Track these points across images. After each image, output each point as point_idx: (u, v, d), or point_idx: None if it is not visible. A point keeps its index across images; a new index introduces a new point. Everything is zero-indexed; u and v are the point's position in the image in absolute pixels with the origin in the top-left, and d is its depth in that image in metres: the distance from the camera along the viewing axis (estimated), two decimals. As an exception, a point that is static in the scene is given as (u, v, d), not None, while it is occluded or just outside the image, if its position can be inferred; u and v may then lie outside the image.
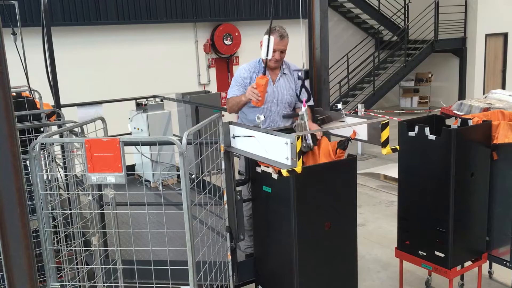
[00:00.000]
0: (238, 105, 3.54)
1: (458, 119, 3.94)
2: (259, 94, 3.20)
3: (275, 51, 3.45)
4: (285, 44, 3.54)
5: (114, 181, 2.29)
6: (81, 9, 8.88)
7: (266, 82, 3.21)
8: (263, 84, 3.19)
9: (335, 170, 2.97)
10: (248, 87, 3.32)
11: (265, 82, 3.19)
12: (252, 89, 3.24)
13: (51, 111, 3.96)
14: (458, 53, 14.36)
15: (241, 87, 3.59)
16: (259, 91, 3.20)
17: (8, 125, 2.10)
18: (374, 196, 7.18)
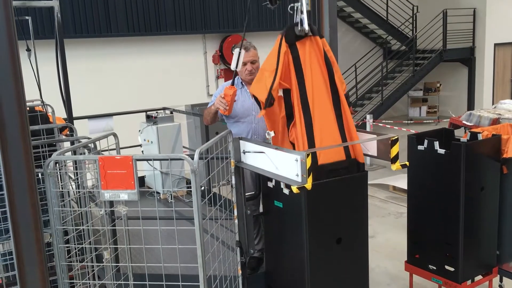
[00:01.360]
0: (210, 115, 3.67)
1: (468, 133, 3.94)
2: (226, 103, 3.34)
3: (245, 64, 3.61)
4: (252, 55, 3.63)
5: (127, 198, 2.33)
6: (92, 21, 9.00)
7: (233, 93, 3.34)
8: (230, 94, 3.32)
9: (347, 186, 2.99)
10: (217, 97, 3.44)
11: (232, 92, 3.32)
12: (220, 98, 3.38)
13: (63, 125, 4.01)
14: (467, 63, 14.33)
15: None
16: (227, 101, 3.34)
17: (24, 142, 2.15)
18: (383, 208, 7.17)
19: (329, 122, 3.03)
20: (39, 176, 3.25)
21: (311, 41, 3.03)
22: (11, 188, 2.12)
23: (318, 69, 3.04)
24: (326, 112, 3.03)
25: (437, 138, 3.77)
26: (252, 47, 3.67)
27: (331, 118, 3.03)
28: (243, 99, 3.69)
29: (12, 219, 2.15)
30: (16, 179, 2.12)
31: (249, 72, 3.65)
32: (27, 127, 2.11)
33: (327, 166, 2.94)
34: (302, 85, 3.00)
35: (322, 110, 3.02)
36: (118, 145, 3.09)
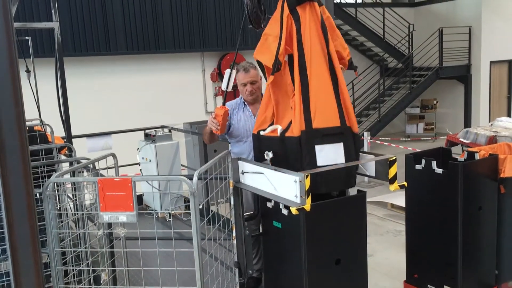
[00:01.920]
0: (207, 135, 3.71)
1: (465, 152, 3.97)
2: (218, 123, 3.36)
3: (245, 85, 3.65)
4: (252, 75, 3.67)
5: (125, 220, 2.33)
6: (91, 40, 9.07)
7: (225, 112, 3.36)
8: (221, 114, 3.34)
9: (345, 206, 3.00)
10: (209, 117, 3.47)
11: (223, 112, 3.35)
12: (212, 118, 3.41)
13: (62, 145, 4.02)
14: (463, 80, 14.44)
15: None
16: (218, 120, 3.36)
17: (23, 164, 2.15)
18: (381, 225, 7.15)
19: (325, 88, 2.95)
20: (37, 196, 3.25)
21: (311, 6, 2.98)
22: (10, 210, 2.12)
23: (316, 35, 2.98)
24: (323, 78, 2.96)
25: (434, 157, 3.79)
26: (252, 68, 3.70)
27: (327, 84, 2.96)
28: (245, 119, 3.71)
29: (11, 241, 2.14)
30: (15, 201, 2.12)
31: (250, 92, 3.67)
32: (26, 149, 2.11)
33: (322, 131, 2.85)
34: (301, 49, 2.94)
35: (319, 76, 2.95)
36: (117, 165, 3.09)
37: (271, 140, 2.96)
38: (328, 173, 2.81)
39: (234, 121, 3.76)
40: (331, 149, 2.88)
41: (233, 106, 3.81)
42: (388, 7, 14.76)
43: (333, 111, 2.93)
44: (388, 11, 14.61)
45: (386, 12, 14.54)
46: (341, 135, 2.91)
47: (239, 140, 3.72)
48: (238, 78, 3.72)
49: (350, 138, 2.95)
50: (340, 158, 2.90)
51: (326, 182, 2.82)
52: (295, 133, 2.83)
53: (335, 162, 2.87)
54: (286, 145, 2.87)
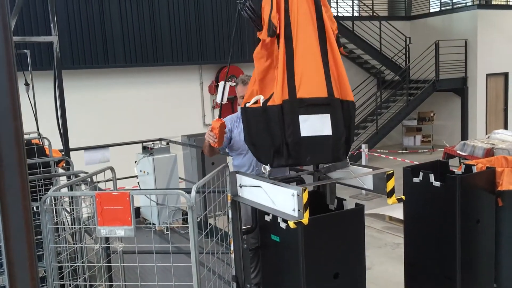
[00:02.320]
0: (206, 148, 3.69)
1: (462, 165, 3.98)
2: (215, 136, 3.33)
3: (243, 97, 3.59)
4: None
5: (123, 234, 2.32)
6: (90, 52, 9.10)
7: (221, 125, 3.32)
8: (217, 127, 3.32)
9: (343, 220, 2.99)
10: (207, 130, 3.46)
11: (219, 125, 3.31)
12: (209, 132, 3.39)
13: (60, 158, 4.02)
14: (460, 92, 14.53)
15: None
16: (215, 133, 3.33)
17: (21, 178, 2.15)
18: (379, 238, 7.14)
19: (313, 57, 2.82)
20: (34, 210, 3.24)
21: None
22: (7, 225, 2.11)
23: (305, 3, 2.87)
24: (311, 47, 2.83)
25: (432, 170, 3.80)
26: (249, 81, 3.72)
27: (315, 53, 2.82)
28: None
29: (7, 256, 2.13)
30: (13, 215, 2.10)
31: None
32: (24, 163, 2.11)
33: (307, 101, 2.73)
34: (288, 18, 2.84)
35: (306, 45, 2.82)
36: (115, 179, 3.09)
37: (254, 111, 2.87)
38: (312, 144, 2.73)
39: (235, 134, 3.77)
40: (317, 120, 2.77)
41: (234, 119, 3.82)
42: (384, 21, 14.88)
43: (320, 81, 2.79)
44: (385, 24, 14.73)
45: (383, 25, 14.66)
46: (328, 106, 2.77)
47: (239, 153, 3.73)
48: (237, 91, 3.73)
49: (338, 109, 2.80)
50: (327, 130, 2.77)
51: (312, 153, 2.75)
52: (276, 102, 2.72)
53: (321, 133, 2.76)
54: (268, 114, 2.76)
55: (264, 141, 2.83)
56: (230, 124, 3.81)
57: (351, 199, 8.67)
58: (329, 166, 3.38)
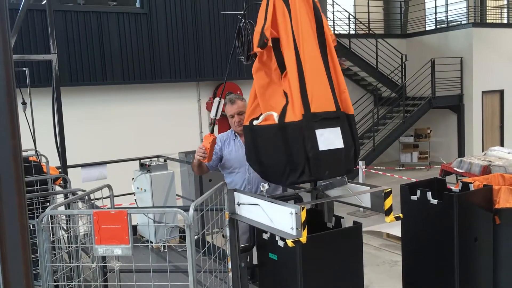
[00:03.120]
0: (195, 167, 3.70)
1: (459, 183, 3.99)
2: (205, 151, 3.35)
3: (233, 116, 3.71)
4: (238, 106, 3.71)
5: (120, 253, 2.31)
6: (88, 69, 9.14)
7: (212, 140, 3.35)
8: (209, 142, 3.34)
9: (341, 238, 2.98)
10: (198, 147, 3.46)
11: (211, 140, 3.34)
12: (199, 148, 3.40)
13: (57, 176, 4.01)
14: (456, 109, 14.61)
15: None
16: (206, 149, 3.35)
17: (18, 197, 2.14)
18: (377, 256, 7.11)
19: (319, 72, 2.83)
20: (30, 228, 3.22)
21: None
22: (3, 243, 2.10)
23: (306, 18, 2.87)
24: (316, 61, 2.84)
25: (429, 187, 3.80)
26: (239, 99, 3.76)
27: (321, 68, 2.84)
28: (236, 149, 3.74)
29: (3, 274, 2.11)
30: (9, 234, 2.09)
31: (238, 123, 3.72)
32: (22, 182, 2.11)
33: (320, 115, 2.75)
34: (292, 32, 2.84)
35: (312, 59, 2.84)
36: (112, 196, 3.08)
37: (266, 129, 2.84)
38: (329, 157, 2.72)
39: (226, 152, 3.78)
40: (330, 133, 2.79)
41: (225, 137, 3.85)
42: (380, 38, 15.03)
43: (328, 95, 2.82)
44: (381, 42, 14.88)
45: (379, 43, 14.80)
46: (338, 119, 2.81)
47: (231, 171, 3.75)
48: (226, 111, 3.75)
49: (345, 122, 2.85)
50: (339, 143, 2.80)
51: (329, 167, 2.75)
52: (297, 117, 2.69)
53: (334, 146, 2.77)
54: (287, 131, 2.73)
55: (278, 159, 2.78)
56: (220, 143, 3.82)
57: (349, 216, 8.66)
58: (327, 183, 3.39)
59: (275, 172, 2.86)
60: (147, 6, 9.65)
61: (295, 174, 2.74)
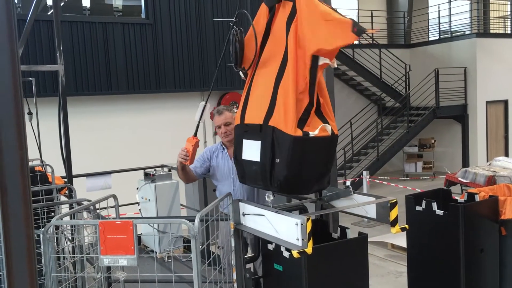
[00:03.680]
0: (179, 172, 3.69)
1: (465, 193, 3.97)
2: (187, 154, 3.37)
3: (220, 127, 3.76)
4: (226, 117, 3.74)
5: (126, 263, 2.31)
6: (93, 79, 9.19)
7: (195, 143, 3.39)
8: (192, 145, 3.38)
9: (347, 249, 2.98)
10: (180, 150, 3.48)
11: (194, 143, 3.38)
12: (181, 150, 3.43)
13: (62, 186, 4.02)
14: (460, 119, 14.59)
15: (198, 162, 3.82)
16: (188, 151, 3.38)
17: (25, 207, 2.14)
18: (382, 266, 7.06)
19: (265, 85, 2.86)
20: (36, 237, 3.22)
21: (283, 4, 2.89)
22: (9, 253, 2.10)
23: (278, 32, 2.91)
24: (269, 74, 2.86)
25: (434, 198, 3.80)
26: (225, 110, 3.80)
27: (270, 81, 2.84)
28: (222, 162, 3.77)
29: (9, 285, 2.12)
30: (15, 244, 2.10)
31: (224, 134, 3.75)
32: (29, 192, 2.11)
33: (247, 126, 2.90)
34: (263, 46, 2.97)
35: (266, 72, 2.89)
36: (117, 207, 3.08)
37: None
38: (247, 168, 2.95)
39: (214, 163, 3.82)
40: (252, 145, 2.91)
41: (213, 149, 3.88)
42: (384, 48, 15.06)
43: (262, 108, 2.84)
44: (385, 52, 14.90)
45: (383, 53, 14.83)
46: (260, 132, 2.83)
47: (218, 182, 3.80)
48: (214, 121, 3.81)
49: (268, 137, 2.78)
50: (256, 156, 2.87)
51: (248, 176, 2.98)
52: None
53: (252, 158, 2.90)
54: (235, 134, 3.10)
55: None
56: (209, 153, 3.84)
57: (353, 226, 8.63)
58: (332, 194, 3.38)
59: None
60: (152, 17, 9.71)
61: None
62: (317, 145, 2.80)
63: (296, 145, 2.70)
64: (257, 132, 2.86)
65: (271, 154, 2.78)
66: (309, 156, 2.79)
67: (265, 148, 2.82)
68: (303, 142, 2.71)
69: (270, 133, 2.78)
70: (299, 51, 2.78)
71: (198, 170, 3.80)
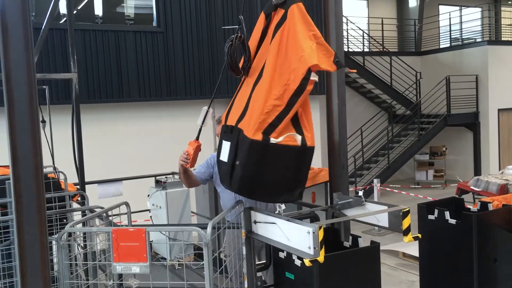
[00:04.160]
0: (181, 175, 3.70)
1: (478, 202, 3.94)
2: (188, 157, 3.38)
3: (218, 135, 3.72)
4: None
5: (138, 271, 2.32)
6: (105, 87, 9.26)
7: (196, 147, 3.39)
8: (193, 148, 3.39)
9: (359, 257, 2.96)
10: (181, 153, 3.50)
11: (195, 147, 3.38)
12: (182, 153, 3.44)
13: (75, 193, 4.05)
14: (472, 127, 14.49)
15: (202, 168, 3.88)
16: (189, 154, 3.39)
17: (39, 215, 2.17)
18: (393, 275, 7.01)
19: (246, 89, 2.96)
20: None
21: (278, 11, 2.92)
22: (23, 260, 2.12)
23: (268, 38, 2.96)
24: (251, 80, 2.96)
25: (447, 207, 3.76)
26: None
27: (249, 85, 2.94)
28: None
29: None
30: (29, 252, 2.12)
31: None
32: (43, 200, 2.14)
33: (227, 128, 2.96)
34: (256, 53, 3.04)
35: (250, 78, 2.99)
36: (129, 214, 3.10)
37: None
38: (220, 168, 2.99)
39: (217, 170, 3.82)
40: (225, 146, 2.96)
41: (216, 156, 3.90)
42: (395, 56, 15.03)
43: (238, 110, 2.92)
44: (395, 60, 14.87)
45: (393, 60, 14.80)
46: (231, 134, 2.90)
47: (221, 189, 3.78)
48: (216, 130, 3.85)
49: (235, 139, 2.83)
50: (225, 156, 2.94)
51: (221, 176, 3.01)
52: None
53: (224, 159, 2.94)
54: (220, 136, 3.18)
55: None
56: (213, 160, 3.83)
57: (364, 235, 8.57)
58: (344, 202, 3.37)
59: None
60: (163, 25, 9.79)
61: None
62: (280, 152, 2.76)
63: (253, 148, 2.73)
64: (229, 133, 2.93)
65: (234, 155, 2.85)
66: (271, 162, 2.78)
67: (231, 149, 2.89)
68: (262, 147, 2.72)
69: (237, 135, 2.85)
70: (279, 58, 2.81)
71: (202, 175, 3.83)
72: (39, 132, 2.17)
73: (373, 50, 15.71)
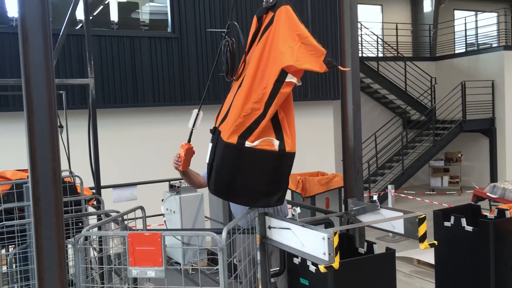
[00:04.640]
0: (182, 176, 3.69)
1: (495, 209, 3.89)
2: (179, 160, 3.40)
3: None
4: None
5: (154, 275, 2.33)
6: (120, 92, 9.34)
7: (187, 149, 3.40)
8: (184, 151, 3.41)
9: (374, 264, 2.95)
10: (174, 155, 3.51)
11: (186, 149, 3.40)
12: (175, 156, 3.46)
13: (91, 197, 4.09)
14: (488, 133, 14.32)
15: None
16: (180, 157, 3.40)
17: (57, 219, 2.19)
18: (408, 283, 6.94)
19: (229, 99, 3.00)
20: (64, 248, 3.27)
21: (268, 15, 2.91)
22: (41, 264, 2.15)
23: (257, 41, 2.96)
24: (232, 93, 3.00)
25: (463, 214, 3.73)
26: None
27: (231, 97, 2.98)
28: None
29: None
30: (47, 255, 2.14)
31: None
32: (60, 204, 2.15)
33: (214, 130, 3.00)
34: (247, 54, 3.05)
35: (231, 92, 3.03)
36: (145, 218, 3.12)
37: None
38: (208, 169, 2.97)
39: None
40: (209, 147, 3.04)
41: None
42: (409, 61, 14.94)
43: (223, 113, 2.98)
44: (410, 65, 14.78)
45: (408, 65, 14.71)
46: (213, 135, 2.99)
47: None
48: None
49: (215, 141, 2.94)
50: (207, 158, 3.01)
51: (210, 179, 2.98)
52: None
53: (207, 160, 3.01)
54: None
55: None
56: None
57: (378, 241, 8.50)
58: (359, 208, 3.35)
59: None
60: (178, 31, 9.85)
61: None
62: (255, 157, 2.77)
63: (226, 151, 2.79)
64: (212, 134, 3.03)
65: (213, 156, 2.94)
66: (245, 166, 2.80)
67: (211, 151, 2.99)
68: (236, 150, 2.76)
69: (217, 137, 2.93)
70: (261, 61, 2.82)
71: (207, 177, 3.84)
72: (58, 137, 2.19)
73: (388, 55, 15.63)
